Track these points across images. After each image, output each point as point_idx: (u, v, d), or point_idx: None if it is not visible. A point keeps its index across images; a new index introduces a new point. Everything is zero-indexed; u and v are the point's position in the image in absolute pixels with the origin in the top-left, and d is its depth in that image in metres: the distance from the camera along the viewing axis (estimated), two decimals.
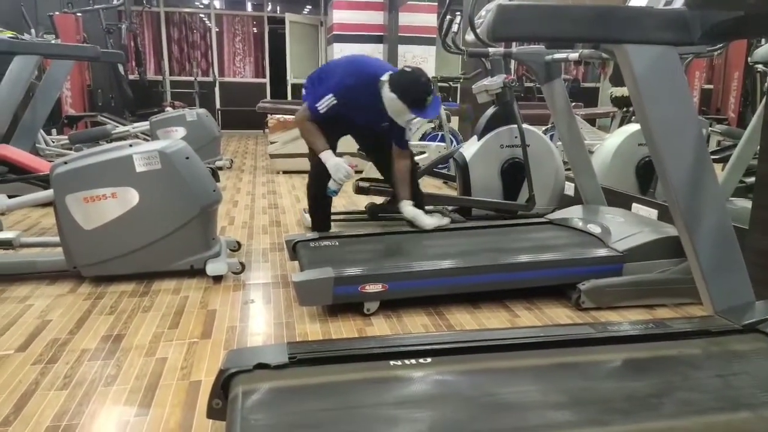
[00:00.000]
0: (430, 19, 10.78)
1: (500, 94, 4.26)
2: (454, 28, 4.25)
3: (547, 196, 4.46)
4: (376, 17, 10.65)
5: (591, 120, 6.85)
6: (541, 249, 2.91)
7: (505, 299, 2.79)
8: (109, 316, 2.57)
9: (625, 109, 6.33)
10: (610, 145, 4.59)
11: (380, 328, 2.49)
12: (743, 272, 2.05)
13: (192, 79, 11.17)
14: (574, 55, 3.07)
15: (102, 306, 2.69)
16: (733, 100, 9.38)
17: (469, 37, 4.22)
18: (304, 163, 6.71)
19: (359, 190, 4.05)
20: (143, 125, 6.85)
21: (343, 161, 3.11)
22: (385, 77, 2.97)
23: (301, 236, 3.17)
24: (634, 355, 1.80)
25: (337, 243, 3.07)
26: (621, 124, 6.38)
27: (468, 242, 3.07)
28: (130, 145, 3.00)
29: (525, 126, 4.14)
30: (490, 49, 3.41)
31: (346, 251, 2.94)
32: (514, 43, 5.56)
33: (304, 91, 3.36)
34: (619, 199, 3.77)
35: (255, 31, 12.03)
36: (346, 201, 5.17)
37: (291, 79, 11.40)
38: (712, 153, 5.03)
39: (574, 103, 7.20)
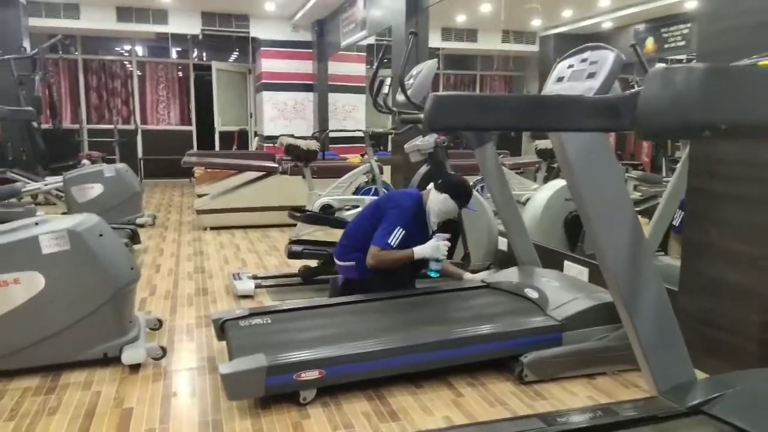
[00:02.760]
0: (359, 69, 10.91)
1: (432, 154, 4.27)
2: (385, 89, 4.24)
3: (482, 252, 4.45)
4: (305, 66, 10.67)
5: (516, 169, 7.02)
6: (481, 319, 2.84)
7: (447, 375, 2.68)
8: (8, 423, 2.26)
9: (549, 161, 6.52)
10: (539, 200, 4.67)
11: (318, 420, 2.31)
12: (683, 349, 2.04)
13: (112, 127, 10.70)
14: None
15: (1, 409, 2.36)
16: (646, 144, 9.93)
17: (400, 97, 4.23)
18: (234, 219, 6.54)
19: (292, 254, 3.89)
20: (57, 181, 6.40)
21: (435, 240, 3.17)
22: (426, 190, 3.38)
23: (230, 314, 2.95)
24: None
25: (269, 320, 2.88)
26: (547, 176, 6.58)
27: (408, 314, 2.95)
28: (36, 224, 2.72)
29: None
30: (422, 116, 3.39)
31: (280, 331, 2.75)
32: None
33: (338, 252, 3.48)
34: (551, 257, 3.80)
35: (180, 77, 11.72)
36: (278, 261, 4.98)
37: (219, 126, 11.14)
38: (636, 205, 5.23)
39: (500, 153, 7.39)
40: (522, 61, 13.08)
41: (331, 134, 8.45)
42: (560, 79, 3.14)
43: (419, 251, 3.15)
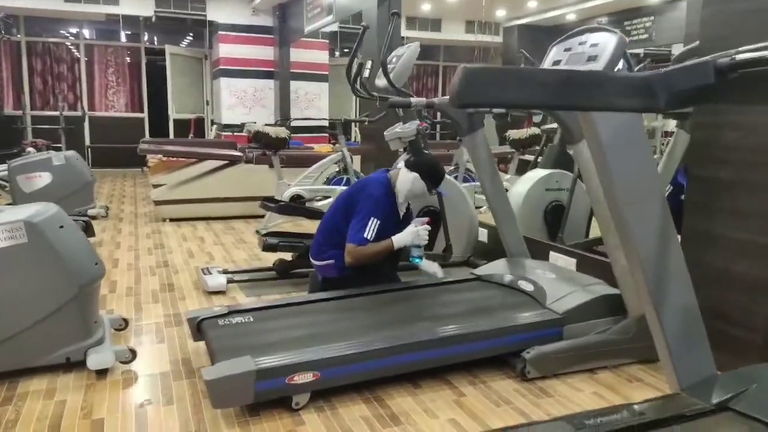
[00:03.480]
0: (323, 57, 10.64)
1: (413, 142, 4.09)
2: (366, 73, 4.03)
3: (463, 244, 4.34)
4: (266, 52, 10.30)
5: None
6: (478, 314, 2.70)
7: (446, 374, 2.53)
8: None
9: (521, 150, 6.46)
10: (519, 191, 4.57)
11: (314, 427, 2.12)
12: (706, 344, 1.94)
13: (57, 113, 10.06)
14: (499, 109, 2.95)
15: None
16: None
17: (380, 81, 4.04)
18: (195, 210, 6.20)
19: (267, 247, 3.65)
20: (1, 170, 5.91)
21: (413, 225, 2.99)
22: (394, 170, 3.19)
23: (206, 312, 2.71)
24: None
25: (251, 318, 2.65)
26: (519, 166, 6.51)
27: (400, 310, 2.79)
28: None
29: None
30: (413, 100, 3.22)
31: (264, 330, 2.54)
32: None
33: (314, 250, 3.24)
34: (536, 248, 3.70)
35: (131, 61, 11.13)
36: (247, 255, 4.72)
37: (173, 114, 10.65)
38: None
39: None
40: (485, 52, 13.08)
41: (295, 123, 8.16)
42: (556, 63, 3.03)
43: (399, 240, 2.96)
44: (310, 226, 5.42)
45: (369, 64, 4.07)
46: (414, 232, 2.96)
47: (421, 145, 4.12)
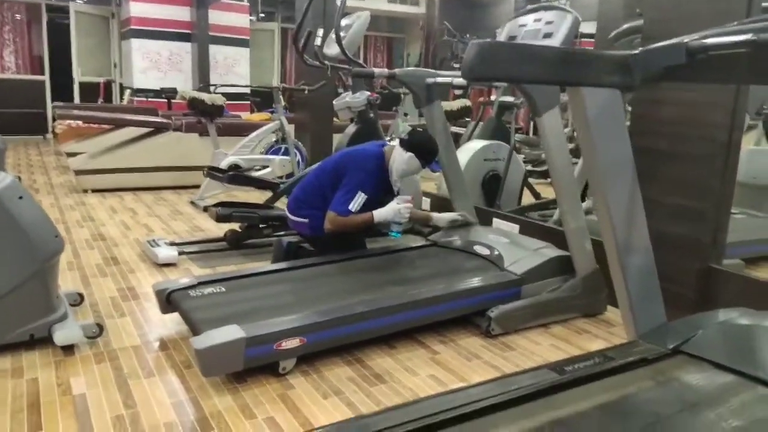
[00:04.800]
0: (243, 20, 10.25)
1: (362, 112, 4.14)
2: (317, 41, 4.00)
3: None
4: (182, 13, 9.77)
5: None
6: (444, 277, 2.85)
7: (417, 334, 2.67)
8: None
9: (452, 121, 6.65)
10: (460, 161, 4.74)
11: (304, 389, 2.18)
12: (659, 296, 2.19)
13: None
14: (459, 80, 3.07)
15: None
16: (523, 111, 10.54)
17: (330, 51, 4.04)
18: (120, 180, 5.89)
19: (221, 218, 3.59)
20: None
21: (395, 203, 3.04)
22: (389, 146, 3.19)
23: (175, 283, 2.66)
24: (605, 398, 1.80)
25: (223, 288, 2.64)
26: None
27: (369, 275, 2.88)
28: None
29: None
30: (376, 70, 3.26)
31: (240, 299, 2.54)
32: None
33: (291, 205, 3.27)
34: (480, 215, 3.90)
35: (29, 19, 10.16)
36: (187, 226, 4.59)
37: (79, 77, 9.92)
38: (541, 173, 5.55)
39: (406, 114, 7.40)
40: (404, 22, 13.15)
41: (222, 90, 7.86)
42: (512, 38, 3.18)
43: (380, 215, 3.03)
44: (247, 196, 5.37)
45: (320, 32, 4.03)
46: (396, 210, 3.03)
47: (370, 114, 4.18)
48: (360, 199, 2.97)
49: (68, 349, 2.40)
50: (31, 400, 2.03)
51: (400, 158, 3.09)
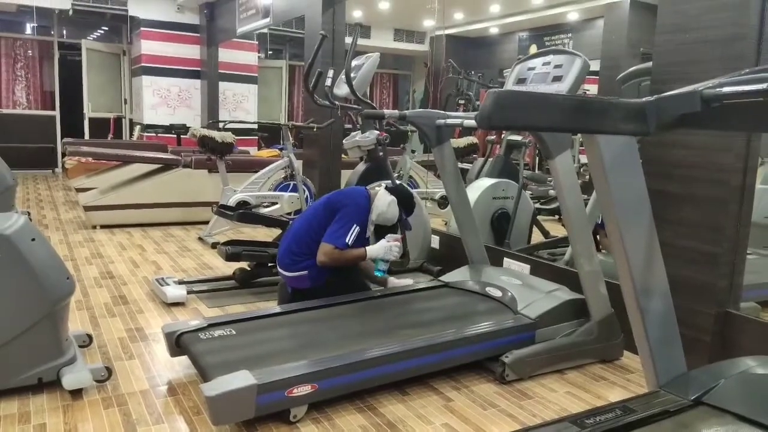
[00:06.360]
0: (251, 57, 10.44)
1: (372, 151, 4.16)
2: (328, 81, 4.05)
3: (417, 250, 4.46)
4: (192, 51, 9.97)
5: (429, 166, 7.10)
6: (457, 321, 2.82)
7: (429, 380, 2.62)
8: None
9: (459, 158, 6.68)
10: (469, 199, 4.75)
11: None
12: (679, 344, 2.15)
13: None
14: (469, 122, 3.08)
15: None
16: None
17: (340, 91, 4.08)
18: (128, 216, 5.90)
19: (230, 257, 3.57)
20: None
21: (386, 242, 3.12)
22: (374, 189, 3.32)
23: (184, 325, 2.63)
24: None
25: (233, 331, 2.61)
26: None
27: (379, 318, 2.85)
28: None
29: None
30: (386, 111, 3.29)
31: (250, 343, 2.51)
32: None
33: (285, 260, 3.19)
34: (491, 254, 3.88)
35: (42, 56, 10.35)
36: (195, 264, 4.57)
37: (89, 112, 10.06)
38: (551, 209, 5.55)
39: (413, 151, 7.43)
40: (410, 59, 13.37)
41: (230, 126, 7.93)
42: (521, 81, 3.21)
43: (371, 251, 3.09)
44: (254, 233, 5.37)
45: (330, 72, 4.09)
46: (387, 247, 3.09)
47: (379, 153, 4.20)
48: (355, 231, 3.01)
49: (76, 393, 2.36)
50: None
51: (383, 200, 3.19)
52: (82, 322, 3.20)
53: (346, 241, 3.00)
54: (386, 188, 3.28)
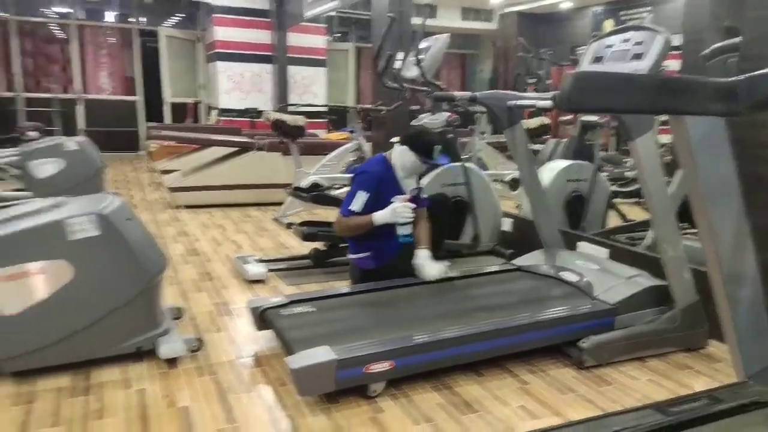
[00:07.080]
0: (319, 41, 10.56)
1: (441, 133, 4.16)
2: (398, 64, 4.07)
3: (488, 233, 4.43)
4: (263, 36, 10.19)
5: (501, 147, 7.01)
6: (531, 305, 2.81)
7: (505, 362, 2.63)
8: (54, 429, 2.01)
9: (531, 139, 6.56)
10: (542, 180, 4.67)
11: (394, 414, 2.20)
12: None
13: (48, 96, 9.85)
14: (543, 103, 3.03)
15: (39, 414, 2.11)
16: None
17: (409, 73, 4.09)
18: (209, 197, 6.18)
19: (307, 237, 3.70)
20: (10, 155, 5.77)
21: (395, 204, 2.98)
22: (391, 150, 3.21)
23: (267, 301, 2.77)
24: None
25: (314, 308, 2.72)
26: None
27: (454, 299, 2.89)
28: (56, 206, 2.42)
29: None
30: (457, 94, 3.28)
31: (330, 320, 2.61)
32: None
33: (351, 243, 3.26)
34: (566, 238, 3.80)
35: (123, 42, 10.89)
36: (272, 243, 4.75)
37: (169, 98, 10.52)
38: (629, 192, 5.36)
39: (483, 132, 7.34)
40: (477, 39, 13.13)
41: (297, 109, 8.14)
42: (598, 59, 3.11)
43: (378, 217, 2.98)
44: (327, 214, 5.49)
45: (399, 55, 4.10)
46: (392, 209, 2.97)
47: (449, 135, 4.20)
48: (360, 198, 2.99)
49: (172, 362, 2.53)
50: (140, 411, 2.16)
51: (395, 153, 3.14)
52: (173, 297, 3.41)
53: (350, 207, 3.01)
54: (397, 140, 3.22)
